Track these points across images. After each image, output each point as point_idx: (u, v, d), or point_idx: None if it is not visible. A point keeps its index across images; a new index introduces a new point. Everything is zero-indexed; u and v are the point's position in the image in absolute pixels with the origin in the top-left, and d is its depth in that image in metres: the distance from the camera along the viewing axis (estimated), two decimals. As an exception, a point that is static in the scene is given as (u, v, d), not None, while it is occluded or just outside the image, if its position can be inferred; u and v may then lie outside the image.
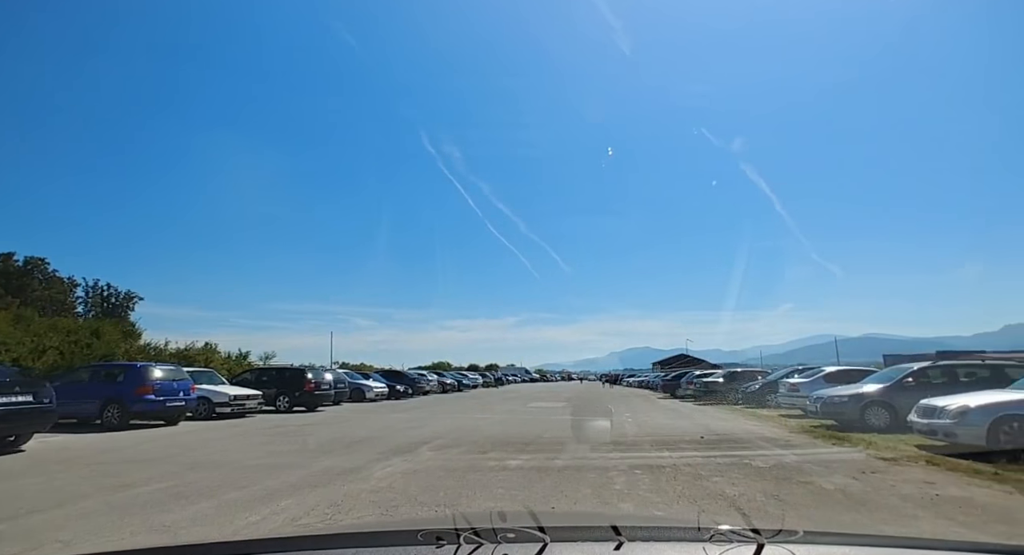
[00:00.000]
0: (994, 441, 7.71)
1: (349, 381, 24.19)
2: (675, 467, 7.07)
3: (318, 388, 18.29)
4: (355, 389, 24.08)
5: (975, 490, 5.76)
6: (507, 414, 16.79)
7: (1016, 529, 4.52)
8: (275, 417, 15.60)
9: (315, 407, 18.45)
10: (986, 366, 11.95)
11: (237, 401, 15.23)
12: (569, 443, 9.53)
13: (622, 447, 9.05)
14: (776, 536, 1.11)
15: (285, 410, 17.62)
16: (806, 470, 6.84)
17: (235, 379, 19.19)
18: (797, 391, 14.96)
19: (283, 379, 18.39)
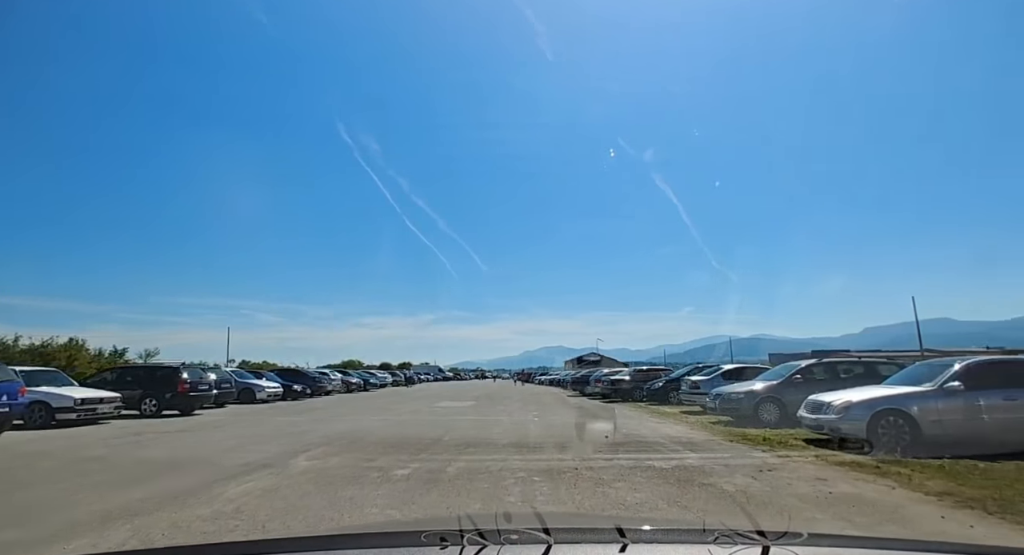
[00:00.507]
0: (873, 434, 8.06)
1: (237, 381, 21.92)
2: (576, 472, 6.60)
3: (194, 389, 16.15)
4: (244, 390, 21.86)
5: (863, 486, 5.79)
6: (410, 415, 15.81)
7: (906, 528, 4.44)
8: (135, 423, 13.44)
9: (191, 410, 16.30)
10: (861, 363, 12.86)
11: (86, 405, 12.90)
12: (469, 446, 8.83)
13: (524, 449, 8.51)
14: (781, 538, 1.11)
15: (152, 414, 15.35)
16: (708, 470, 6.65)
17: (91, 380, 16.50)
18: (697, 388, 15.39)
19: (152, 379, 16.02)
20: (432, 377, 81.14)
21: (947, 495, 5.34)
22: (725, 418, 12.61)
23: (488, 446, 8.84)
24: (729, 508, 4.94)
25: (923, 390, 8.30)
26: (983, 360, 8.75)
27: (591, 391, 26.40)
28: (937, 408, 8.04)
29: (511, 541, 1.11)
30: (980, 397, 8.00)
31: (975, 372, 8.29)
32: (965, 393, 8.02)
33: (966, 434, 7.85)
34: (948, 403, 8.03)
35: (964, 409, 7.98)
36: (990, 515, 4.70)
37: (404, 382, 52.82)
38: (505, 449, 8.44)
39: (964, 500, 5.15)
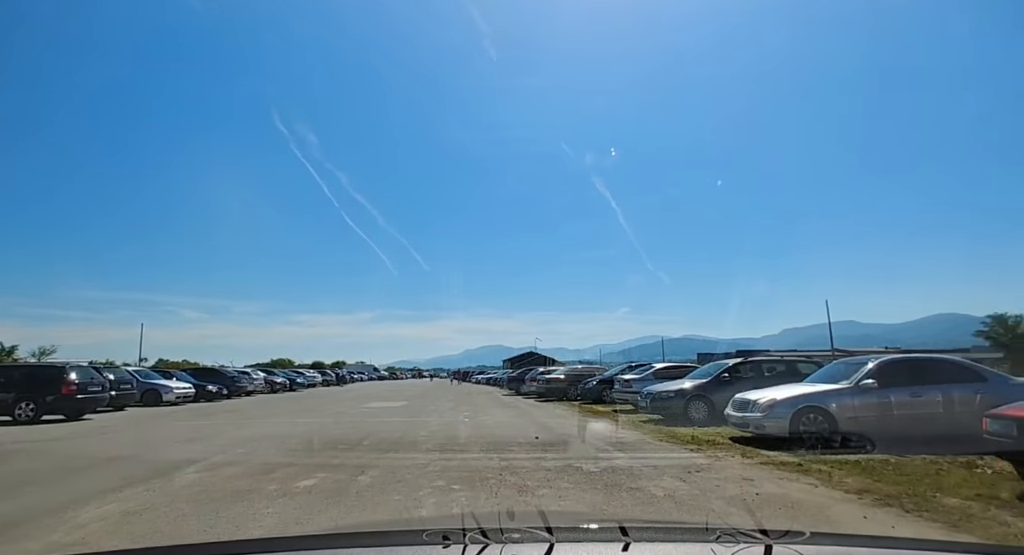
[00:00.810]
0: (795, 431, 8.18)
1: (140, 381, 19.92)
2: (501, 477, 6.15)
3: (83, 391, 14.34)
4: (148, 391, 19.90)
5: (788, 486, 5.71)
6: (333, 417, 14.82)
7: (834, 529, 4.31)
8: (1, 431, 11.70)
9: (79, 415, 14.49)
10: (783, 362, 13.30)
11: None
12: (389, 451, 8.19)
13: (450, 452, 7.98)
14: (783, 537, 1.11)
15: (28, 420, 13.44)
16: (636, 473, 6.40)
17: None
18: (630, 387, 15.44)
19: (30, 380, 14.05)
20: (367, 376, 78.79)
21: (866, 492, 5.34)
22: (656, 416, 12.63)
23: (410, 451, 8.23)
24: (657, 515, 4.66)
25: (840, 388, 8.53)
26: (894, 358, 9.14)
27: (526, 390, 26.20)
28: (853, 405, 8.27)
29: (513, 540, 1.10)
30: (891, 394, 8.31)
31: (887, 370, 8.62)
32: (878, 390, 8.30)
33: (878, 429, 8.11)
34: (863, 400, 8.28)
35: (877, 405, 8.26)
36: (908, 513, 4.69)
37: (336, 382, 50.72)
38: (428, 454, 7.86)
39: (882, 497, 5.15)
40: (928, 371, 8.73)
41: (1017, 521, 4.39)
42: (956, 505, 4.88)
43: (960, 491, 5.32)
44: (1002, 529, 4.25)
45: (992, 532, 4.17)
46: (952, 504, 4.92)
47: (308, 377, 42.59)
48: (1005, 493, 5.21)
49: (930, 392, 8.30)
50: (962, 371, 8.75)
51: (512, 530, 1.14)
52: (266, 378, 31.85)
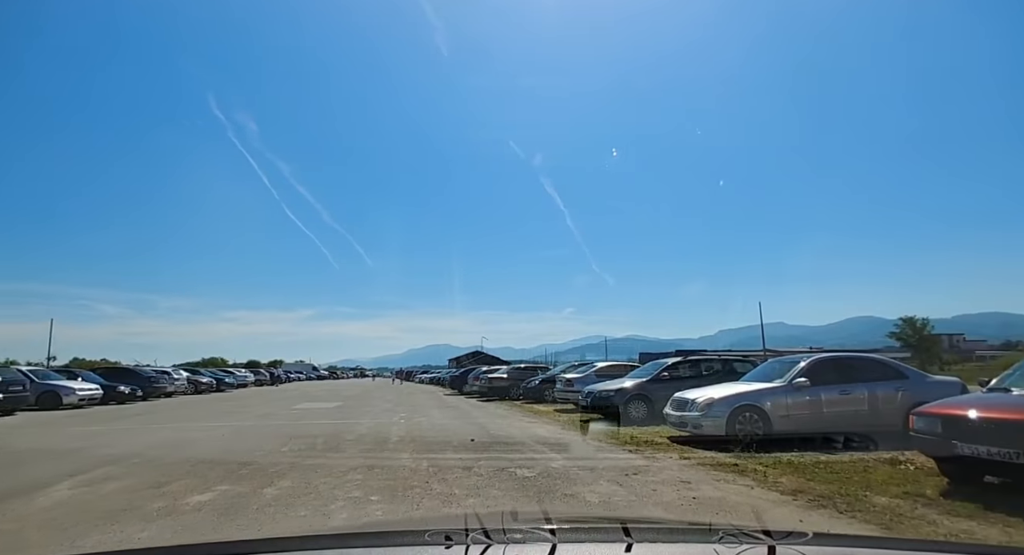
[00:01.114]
0: (732, 430, 8.14)
1: (37, 382, 17.88)
2: (427, 485, 5.65)
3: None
4: (46, 393, 17.87)
5: (725, 488, 5.54)
6: (256, 420, 13.75)
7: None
8: None
9: (-47, 421, 12.69)
10: (721, 361, 13.50)
11: None
12: (310, 457, 7.50)
13: (376, 458, 7.39)
14: (787, 538, 1.11)
15: None
16: (572, 477, 6.07)
17: None
18: (571, 386, 15.27)
19: None
20: (305, 376, 75.78)
21: (800, 493, 5.24)
22: (596, 416, 12.46)
23: (333, 457, 7.57)
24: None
25: (775, 386, 8.59)
26: (824, 357, 9.34)
27: (469, 389, 25.70)
28: (787, 403, 8.34)
29: (516, 540, 1.10)
30: (822, 392, 8.44)
31: (818, 368, 8.76)
32: (810, 388, 8.41)
33: (810, 427, 8.21)
34: (796, 398, 8.37)
35: (809, 403, 8.37)
36: (842, 514, 4.59)
37: (270, 382, 48.22)
38: (352, 460, 7.24)
39: (816, 498, 5.05)
40: (855, 369, 8.96)
41: (944, 520, 4.36)
42: (886, 504, 4.83)
43: (888, 489, 5.32)
44: (931, 528, 4.19)
45: (922, 532, 4.10)
46: (882, 503, 4.88)
47: (239, 377, 40.15)
48: (930, 490, 5.24)
49: (857, 389, 8.49)
50: (885, 369, 9.04)
51: (515, 530, 1.14)
52: (189, 378, 29.65)
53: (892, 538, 1.68)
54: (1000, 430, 4.77)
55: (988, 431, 4.85)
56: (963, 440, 5.01)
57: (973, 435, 4.96)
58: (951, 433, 5.16)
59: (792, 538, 1.11)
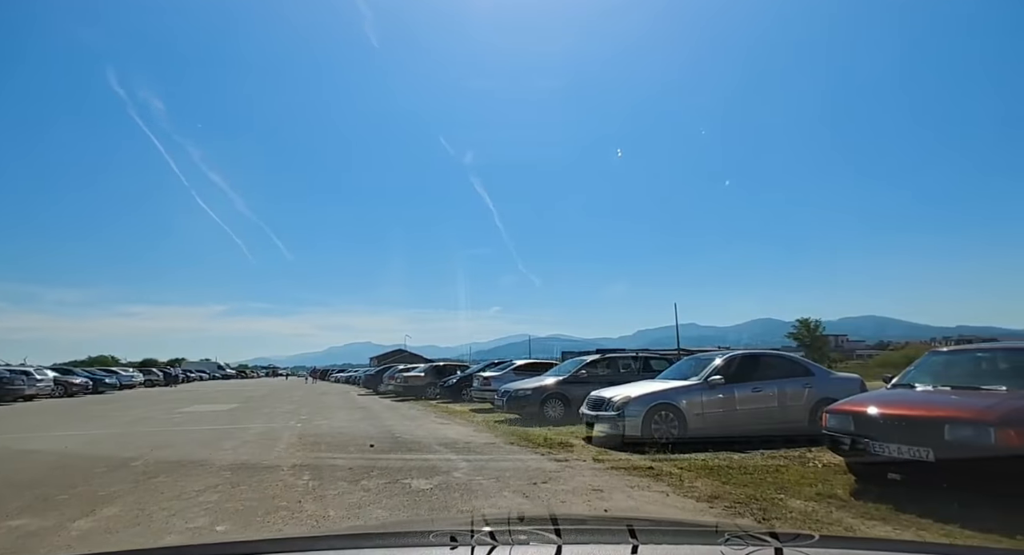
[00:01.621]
0: (648, 430, 7.81)
1: None
2: (299, 505, 4.72)
3: None
4: None
5: (639, 496, 5.07)
6: (126, 426, 11.86)
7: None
8: None
9: None
10: (639, 359, 13.39)
11: None
12: (163, 472, 6.24)
13: (249, 470, 6.29)
14: (793, 540, 1.11)
15: None
16: (473, 488, 5.37)
17: None
18: (489, 385, 14.63)
19: None
20: (209, 376, 70.09)
21: (717, 499, 4.87)
22: (513, 415, 11.89)
23: (194, 472, 6.36)
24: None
25: (690, 384, 8.38)
26: (739, 354, 9.28)
27: (384, 389, 24.39)
28: (701, 401, 8.14)
29: (521, 542, 1.09)
30: (735, 389, 8.33)
31: (732, 365, 8.67)
32: (724, 386, 8.27)
33: (724, 425, 8.07)
34: (711, 396, 8.19)
35: (723, 401, 8.22)
36: (760, 522, 4.22)
37: (164, 382, 43.70)
38: (217, 475, 6.09)
39: (733, 504, 4.69)
40: (767, 366, 8.97)
41: (860, 524, 4.11)
42: (801, 508, 4.56)
43: (802, 490, 5.09)
44: (848, 534, 3.91)
45: (841, 541, 3.80)
46: (798, 507, 4.60)
47: (124, 377, 35.92)
48: (841, 490, 5.06)
49: (768, 387, 8.47)
50: (794, 366, 9.14)
51: (520, 531, 1.14)
52: (58, 379, 25.95)
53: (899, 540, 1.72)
54: (912, 428, 4.63)
55: (900, 429, 4.70)
56: (876, 439, 4.85)
57: (880, 433, 4.81)
58: (864, 431, 4.99)
59: (799, 540, 1.12)
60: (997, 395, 4.82)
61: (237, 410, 16.13)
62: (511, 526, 1.17)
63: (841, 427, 5.24)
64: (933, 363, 6.08)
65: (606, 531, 1.30)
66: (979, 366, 5.63)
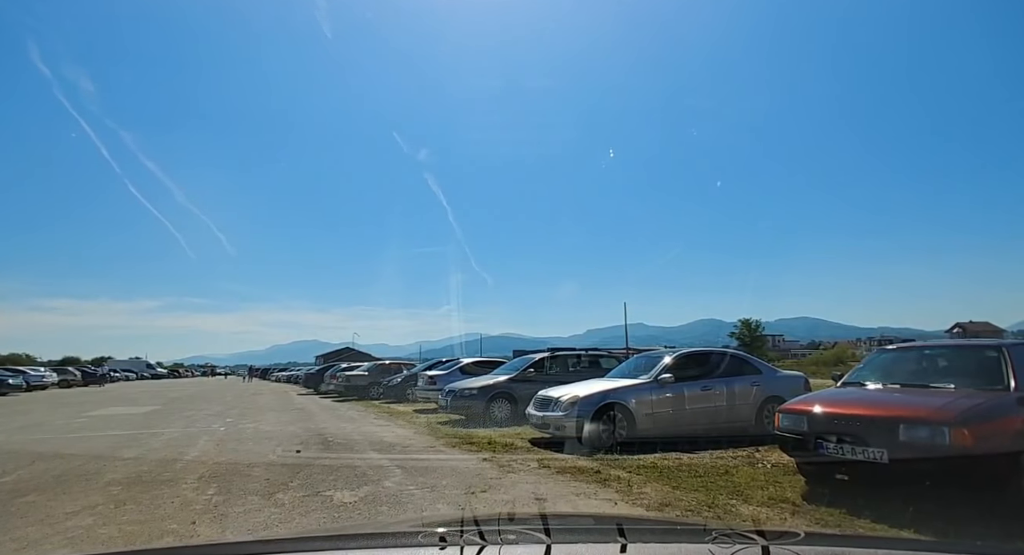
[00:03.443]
0: (595, 432, 7.43)
1: None
2: (193, 527, 4.01)
3: None
4: None
5: (584, 505, 4.65)
6: (10, 434, 10.42)
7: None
8: None
9: None
10: (588, 356, 13.12)
11: None
12: (34, 491, 5.29)
13: (143, 486, 5.45)
14: (780, 538, 1.12)
15: None
16: (403, 500, 4.79)
17: None
18: (434, 384, 13.98)
19: None
20: (137, 375, 65.34)
21: (667, 506, 4.53)
22: (457, 416, 11.33)
23: (77, 486, 5.45)
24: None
25: (640, 382, 8.09)
26: (688, 352, 9.09)
27: (326, 389, 23.23)
28: (651, 400, 7.87)
29: (510, 541, 1.09)
30: (685, 388, 8.12)
31: (682, 363, 8.48)
32: (673, 384, 8.04)
33: (673, 424, 7.84)
34: (660, 395, 7.94)
35: (672, 400, 7.99)
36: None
37: (84, 382, 40.19)
38: (102, 490, 5.22)
39: (684, 512, 4.36)
40: (716, 364, 8.82)
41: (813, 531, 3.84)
42: (754, 514, 4.29)
43: (753, 494, 4.83)
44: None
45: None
46: (749, 513, 4.33)
47: (34, 376, 32.63)
48: (791, 493, 4.84)
49: (718, 385, 8.32)
50: (742, 364, 9.06)
51: (509, 531, 1.14)
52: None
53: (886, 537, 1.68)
54: (867, 429, 4.43)
55: (854, 430, 4.50)
56: (828, 440, 4.63)
57: (834, 433, 4.60)
58: (816, 431, 4.78)
59: (785, 538, 1.13)
60: (947, 394, 4.71)
61: (155, 413, 14.73)
62: (500, 525, 1.17)
63: (795, 427, 5.02)
64: (882, 361, 6.01)
65: (595, 530, 1.32)
66: (925, 364, 5.56)
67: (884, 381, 5.42)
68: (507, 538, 1.10)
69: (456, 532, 1.12)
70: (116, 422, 12.19)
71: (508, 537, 1.11)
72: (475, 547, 1.05)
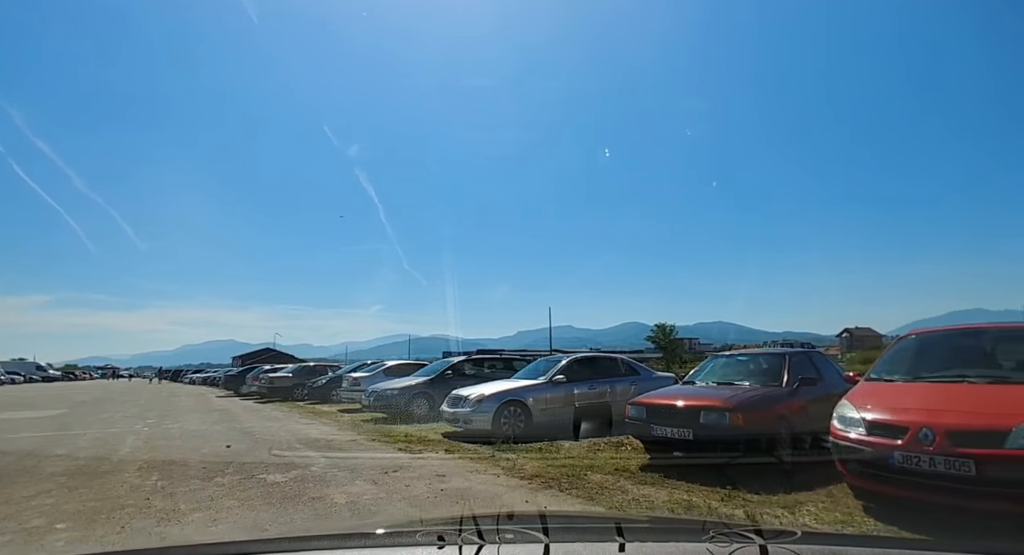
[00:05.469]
0: (497, 425, 8.80)
1: None
2: (148, 501, 4.89)
3: None
4: None
5: (474, 478, 5.95)
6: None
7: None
8: None
9: None
10: (501, 359, 14.55)
11: None
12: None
13: (87, 476, 6.12)
14: (777, 537, 1.13)
15: None
16: (328, 479, 5.87)
17: None
18: (358, 385, 14.83)
19: None
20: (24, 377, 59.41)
21: (536, 477, 5.90)
22: (380, 415, 12.33)
23: (22, 478, 6.03)
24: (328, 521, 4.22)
25: (537, 383, 9.56)
26: (580, 356, 10.72)
27: (247, 391, 23.15)
28: (546, 397, 9.35)
29: (508, 540, 1.10)
30: (575, 387, 9.68)
31: (573, 367, 10.04)
32: (566, 384, 9.58)
33: (564, 418, 9.34)
34: (554, 393, 9.44)
35: (564, 397, 9.51)
36: (562, 492, 5.29)
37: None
38: (49, 480, 5.86)
39: (547, 480, 5.74)
40: (602, 367, 10.49)
41: (635, 488, 5.35)
42: (599, 480, 5.74)
43: (605, 467, 6.33)
44: (622, 496, 5.09)
45: (615, 499, 4.95)
46: (596, 479, 5.78)
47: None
48: (634, 466, 6.39)
49: (602, 384, 9.95)
50: (624, 366, 10.78)
51: (508, 530, 1.14)
52: None
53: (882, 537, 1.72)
54: (681, 414, 6.07)
55: (673, 415, 6.12)
56: (657, 424, 6.24)
57: (661, 419, 6.22)
58: (650, 418, 6.38)
59: (782, 537, 1.14)
60: (739, 389, 6.47)
61: (66, 416, 14.47)
62: (499, 524, 1.17)
63: (637, 415, 6.61)
64: (713, 365, 7.80)
65: (594, 529, 1.30)
66: (738, 367, 7.38)
67: (707, 380, 7.17)
68: (505, 537, 1.11)
69: (454, 531, 1.12)
70: (25, 426, 12.07)
71: (506, 536, 1.11)
72: (473, 546, 1.06)
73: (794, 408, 6.25)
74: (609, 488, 5.37)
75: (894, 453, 4.09)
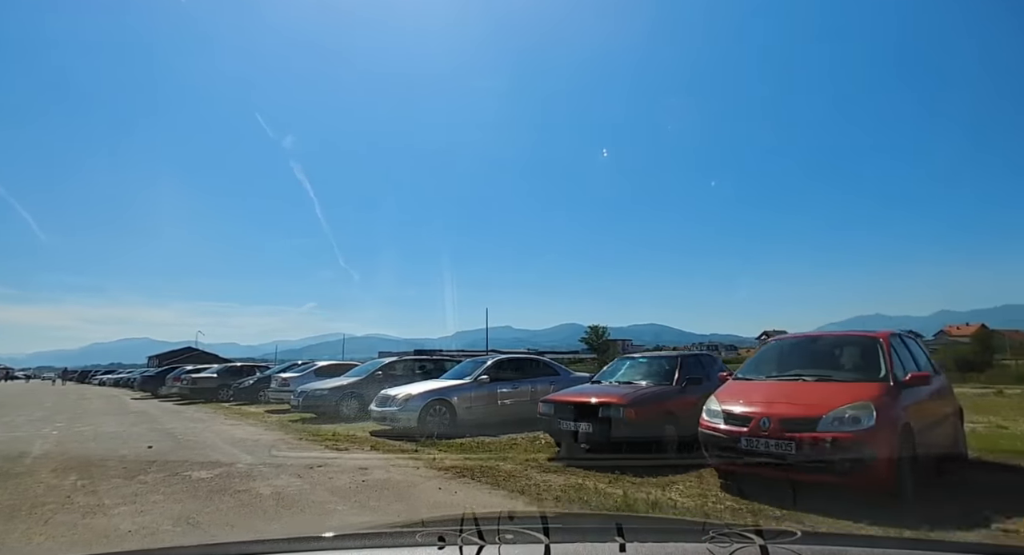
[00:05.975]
0: (423, 422, 9.30)
1: None
2: (69, 499, 5.04)
3: None
4: None
5: (394, 471, 6.45)
6: None
7: (408, 503, 5.04)
8: None
9: None
10: (432, 360, 15.01)
11: None
12: None
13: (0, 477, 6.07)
14: (777, 537, 1.13)
15: None
16: (253, 474, 6.18)
17: None
18: (287, 385, 14.80)
19: None
20: None
21: (453, 469, 6.48)
22: (308, 415, 12.45)
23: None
24: (252, 514, 4.61)
25: (463, 382, 10.15)
26: (503, 358, 11.43)
27: (167, 392, 22.17)
28: (470, 396, 9.95)
29: (508, 540, 1.10)
30: (498, 387, 10.34)
31: (497, 367, 10.71)
32: (489, 384, 10.22)
33: (488, 416, 9.98)
34: (478, 392, 10.05)
35: (487, 396, 10.16)
36: (473, 480, 5.89)
37: None
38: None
39: (462, 471, 6.33)
40: (525, 368, 11.25)
41: (538, 476, 6.03)
42: (508, 470, 6.39)
43: (517, 458, 7.02)
44: (526, 481, 5.76)
45: (519, 485, 5.61)
46: (507, 469, 6.43)
47: None
48: (543, 457, 7.11)
49: (524, 384, 10.69)
50: (545, 367, 11.60)
51: (508, 530, 1.14)
52: None
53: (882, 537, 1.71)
54: (583, 409, 6.86)
55: (576, 410, 6.91)
56: (563, 419, 7.00)
57: (567, 415, 7.00)
58: (558, 414, 7.14)
59: (782, 537, 1.15)
60: (636, 387, 7.37)
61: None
62: (499, 524, 1.17)
63: (546, 411, 7.35)
64: (619, 365, 8.71)
65: (594, 529, 1.32)
66: (640, 368, 8.30)
67: (611, 379, 8.05)
68: (506, 537, 1.12)
69: (455, 531, 1.13)
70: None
71: (507, 536, 1.12)
72: (474, 546, 1.06)
73: (681, 404, 7.21)
74: (516, 476, 6.04)
75: (741, 438, 5.02)
